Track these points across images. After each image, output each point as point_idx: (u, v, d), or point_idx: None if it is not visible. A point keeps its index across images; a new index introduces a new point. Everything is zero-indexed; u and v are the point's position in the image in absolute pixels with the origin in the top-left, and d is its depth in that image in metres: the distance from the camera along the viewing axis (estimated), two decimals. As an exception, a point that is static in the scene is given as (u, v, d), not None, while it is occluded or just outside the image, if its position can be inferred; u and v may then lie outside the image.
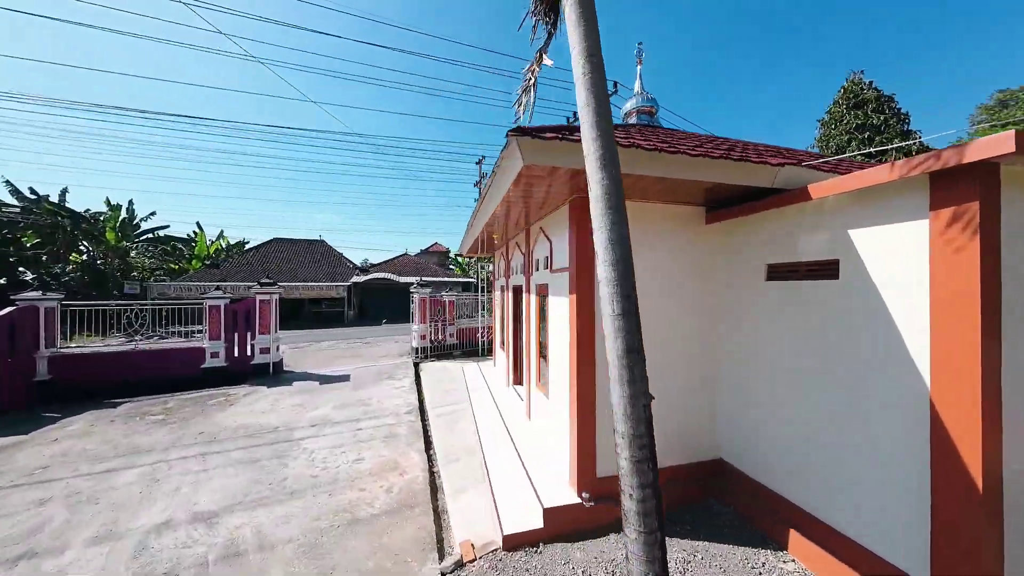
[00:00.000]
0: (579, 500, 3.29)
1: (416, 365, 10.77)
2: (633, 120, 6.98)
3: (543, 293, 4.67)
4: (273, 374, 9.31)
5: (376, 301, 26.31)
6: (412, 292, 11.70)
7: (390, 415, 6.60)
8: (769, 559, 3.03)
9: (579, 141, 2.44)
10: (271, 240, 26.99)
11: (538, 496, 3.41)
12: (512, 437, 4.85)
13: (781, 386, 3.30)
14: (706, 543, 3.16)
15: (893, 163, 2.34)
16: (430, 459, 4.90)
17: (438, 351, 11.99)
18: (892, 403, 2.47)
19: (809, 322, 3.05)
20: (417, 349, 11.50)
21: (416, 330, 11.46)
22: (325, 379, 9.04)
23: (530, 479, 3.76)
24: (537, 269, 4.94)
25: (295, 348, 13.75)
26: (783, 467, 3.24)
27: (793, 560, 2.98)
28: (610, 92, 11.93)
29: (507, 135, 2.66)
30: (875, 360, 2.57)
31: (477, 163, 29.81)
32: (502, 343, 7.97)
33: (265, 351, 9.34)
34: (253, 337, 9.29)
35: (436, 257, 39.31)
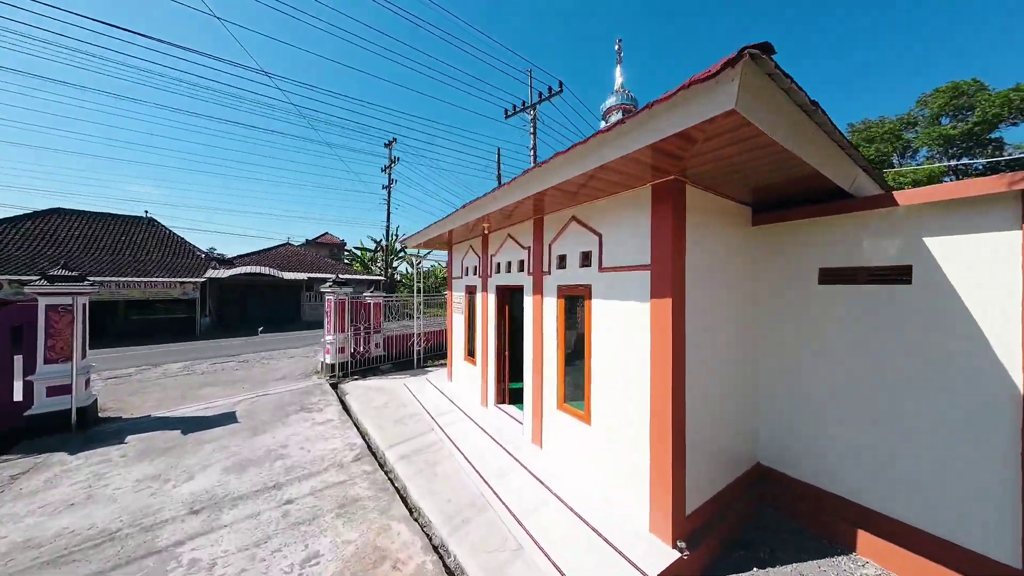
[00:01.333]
0: (676, 552, 2.80)
1: (336, 387, 8.61)
2: (612, 118, 6.98)
3: (576, 295, 4.02)
4: (80, 428, 5.96)
5: (243, 304, 20.85)
6: (326, 293, 9.36)
7: (330, 467, 4.85)
8: (847, 565, 3.11)
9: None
10: (51, 211, 18.37)
11: (629, 560, 2.75)
12: (534, 475, 4.03)
13: (841, 388, 3.48)
14: (795, 565, 3.06)
15: (997, 176, 2.60)
16: (425, 531, 3.65)
17: (362, 366, 9.92)
18: (980, 402, 2.73)
19: (874, 325, 3.28)
20: (333, 366, 9.24)
21: (331, 341, 9.19)
22: (192, 423, 6.23)
23: (599, 534, 3.05)
24: (561, 267, 4.26)
25: (115, 378, 9.44)
26: (848, 470, 3.41)
27: (867, 563, 3.14)
28: (556, 91, 12.05)
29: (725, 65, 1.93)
30: (957, 362, 2.82)
31: (387, 145, 26.91)
32: (470, 353, 6.93)
33: (60, 390, 5.93)
34: (33, 369, 5.78)
35: (328, 250, 33.88)
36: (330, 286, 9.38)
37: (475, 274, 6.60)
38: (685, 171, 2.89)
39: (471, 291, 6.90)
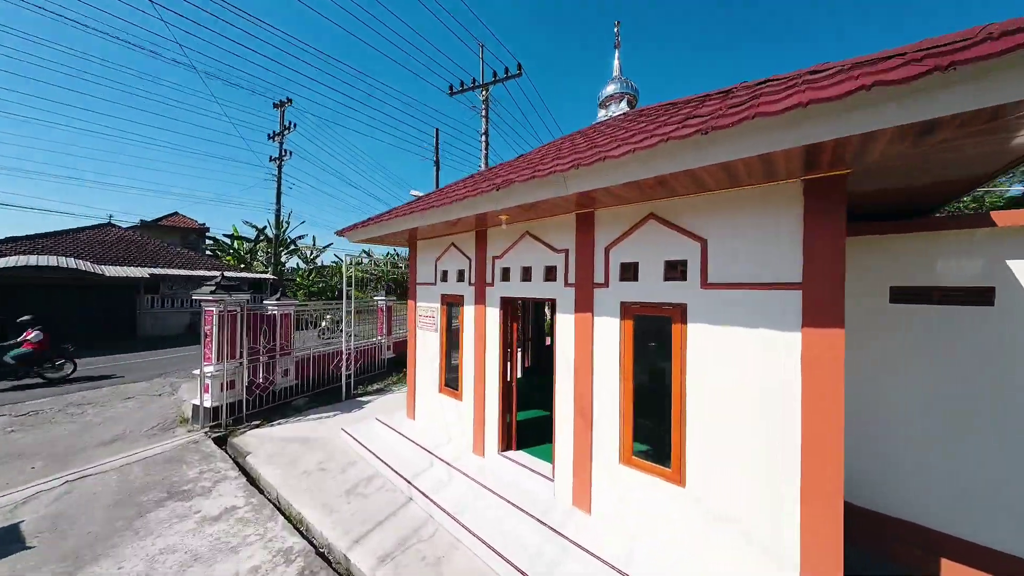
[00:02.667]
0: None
1: (226, 443, 6.11)
2: (612, 108, 6.50)
3: (656, 316, 3.22)
4: None
5: (26, 312, 14.44)
6: (203, 302, 6.63)
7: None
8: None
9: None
10: None
11: None
12: (599, 557, 3.06)
13: (919, 412, 3.46)
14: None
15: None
16: None
17: (265, 404, 7.39)
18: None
19: (950, 346, 3.34)
20: (217, 410, 6.59)
21: (214, 373, 6.52)
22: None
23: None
24: (627, 278, 3.40)
25: None
26: (927, 498, 3.41)
27: (961, 601, 3.14)
28: (514, 73, 11.25)
29: None
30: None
31: (278, 106, 22.34)
32: (450, 384, 5.54)
33: None
34: None
35: (179, 236, 26.46)
36: (212, 291, 6.68)
37: (462, 280, 5.29)
38: (861, 164, 2.37)
39: (452, 302, 5.54)
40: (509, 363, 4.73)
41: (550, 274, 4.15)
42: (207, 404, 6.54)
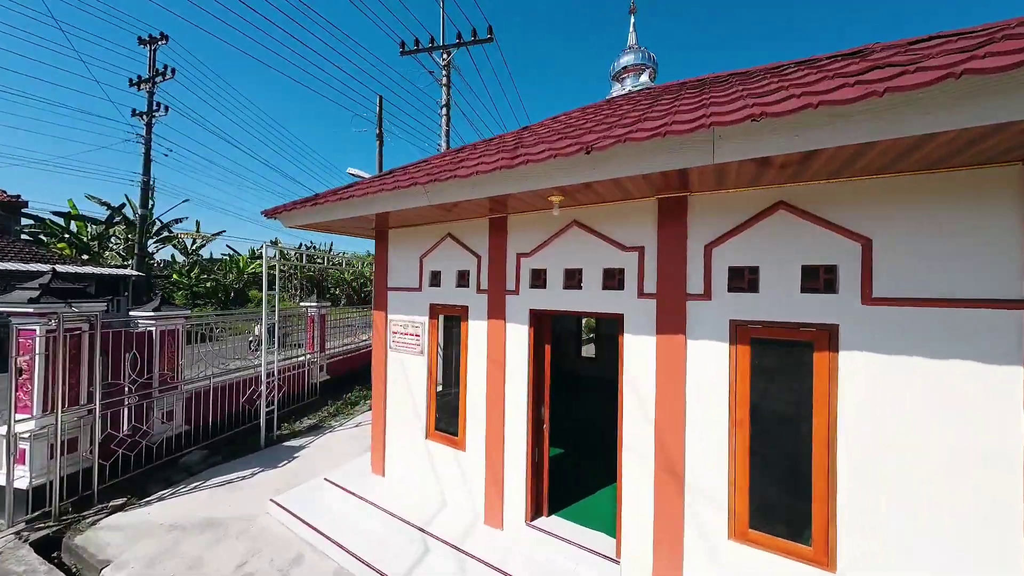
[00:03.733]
0: None
1: (59, 549, 3.94)
2: (628, 82, 5.86)
3: (788, 341, 2.46)
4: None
5: None
6: (15, 322, 4.28)
7: None
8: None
9: None
10: None
11: None
12: None
13: None
14: None
15: None
16: None
17: (136, 469, 5.14)
18: None
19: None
20: (41, 490, 4.29)
21: (34, 432, 4.23)
22: None
23: None
24: (741, 287, 2.62)
25: None
26: None
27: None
28: (484, 38, 10.13)
29: None
30: None
31: (146, 42, 17.95)
32: (443, 428, 4.22)
33: None
34: None
35: (-24, 212, 19.62)
36: (37, 298, 4.35)
37: (465, 285, 4.06)
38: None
39: (448, 315, 4.27)
40: (542, 402, 3.67)
41: (612, 280, 3.21)
42: (20, 484, 4.22)
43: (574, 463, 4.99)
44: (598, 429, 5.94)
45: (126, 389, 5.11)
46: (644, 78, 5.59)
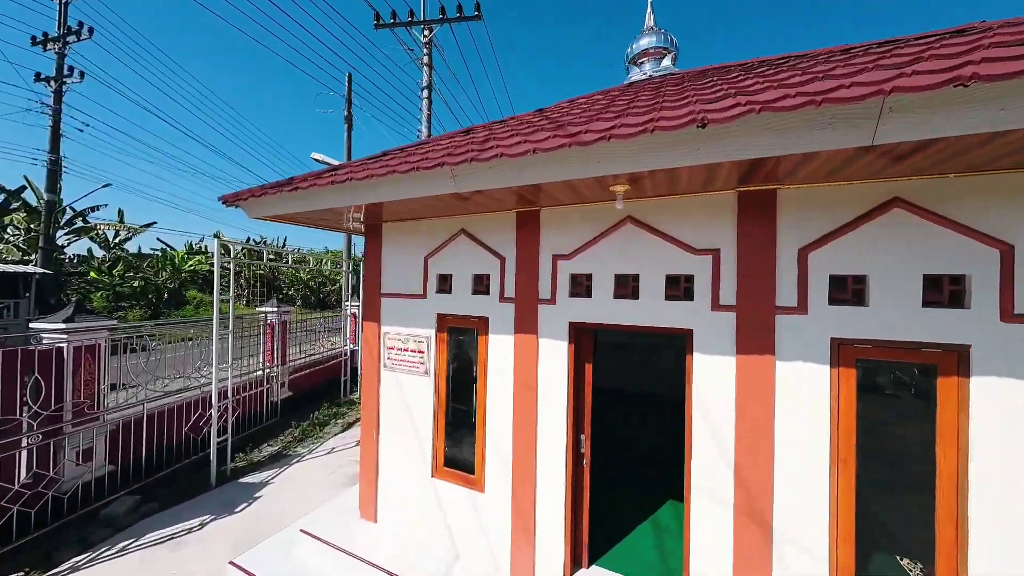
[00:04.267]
0: None
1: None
2: (647, 66, 5.49)
3: (906, 362, 2.08)
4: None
5: None
6: None
7: None
8: None
9: None
10: None
11: None
12: None
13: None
14: None
15: None
16: None
17: (40, 529, 4.02)
18: None
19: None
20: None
21: None
22: None
23: None
24: (850, 299, 2.21)
25: None
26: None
27: None
28: (471, 15, 9.46)
29: None
30: None
31: None
32: (455, 463, 3.55)
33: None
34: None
35: None
36: None
37: (483, 291, 3.44)
38: None
39: (460, 327, 3.63)
40: (582, 431, 3.15)
41: (677, 288, 2.75)
42: None
43: (613, 491, 4.52)
44: (632, 447, 5.54)
45: (25, 425, 4.00)
46: (666, 62, 5.23)
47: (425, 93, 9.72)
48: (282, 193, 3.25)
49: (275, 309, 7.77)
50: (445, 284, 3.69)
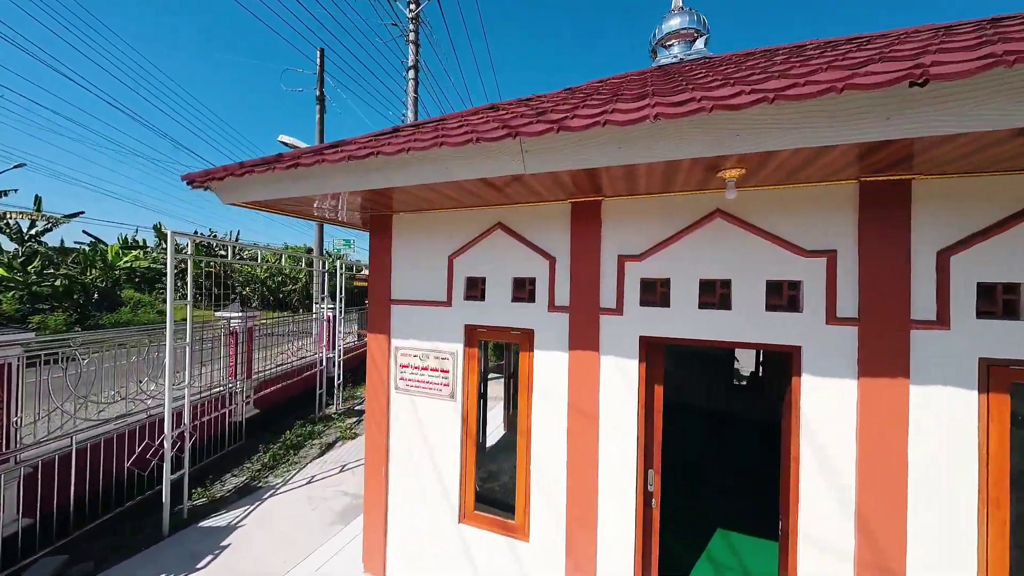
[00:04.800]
0: None
1: None
2: (676, 49, 5.14)
3: None
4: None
5: None
6: None
7: None
8: None
9: None
10: None
11: None
12: None
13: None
14: None
15: None
16: None
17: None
18: None
19: None
20: None
21: None
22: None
23: None
24: (996, 311, 1.91)
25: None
26: None
27: None
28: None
29: None
30: None
31: None
32: (476, 505, 2.98)
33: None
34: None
35: None
36: None
37: (526, 298, 2.88)
38: None
39: (487, 341, 3.06)
40: (651, 465, 2.69)
41: (779, 296, 2.34)
42: None
43: (677, 525, 4.05)
44: (693, 469, 5.20)
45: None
46: (699, 45, 4.89)
47: (411, 74, 8.97)
48: (274, 172, 2.55)
49: (239, 314, 6.80)
50: (475, 289, 3.12)
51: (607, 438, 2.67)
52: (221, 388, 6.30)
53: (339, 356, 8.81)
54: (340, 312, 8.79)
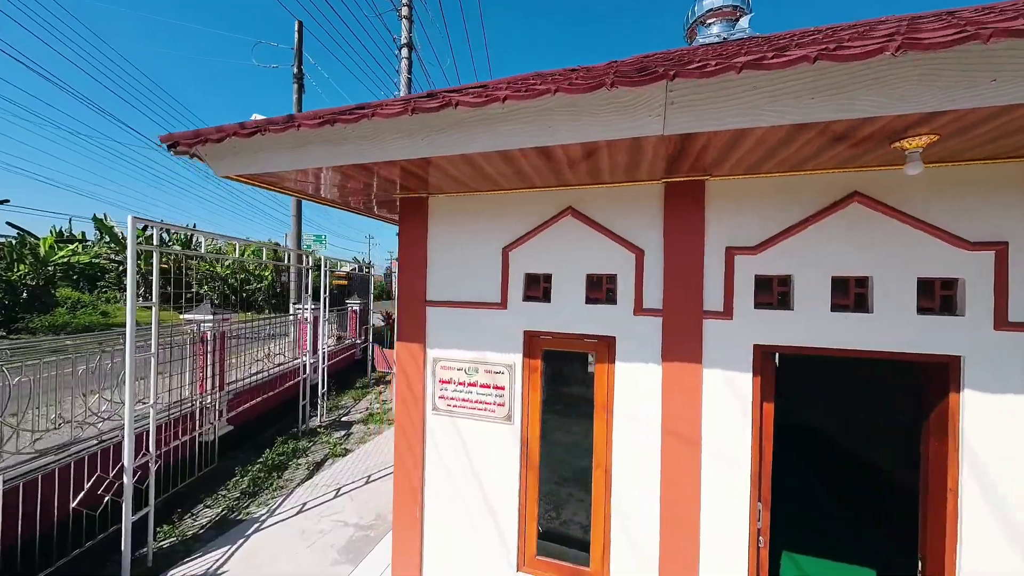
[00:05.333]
0: None
1: None
2: (716, 28, 4.80)
3: None
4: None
5: None
6: None
7: None
8: None
9: None
10: None
11: None
12: None
13: None
14: None
15: None
16: None
17: None
18: None
19: None
20: None
21: None
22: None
23: None
24: None
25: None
26: None
27: None
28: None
29: None
30: None
31: None
32: (539, 550, 2.48)
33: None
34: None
35: None
36: None
37: (603, 298, 2.38)
38: None
39: (552, 350, 2.56)
40: (759, 498, 2.28)
41: (930, 297, 1.98)
42: None
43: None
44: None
45: None
46: (743, 23, 4.57)
47: (404, 52, 8.27)
48: (298, 131, 1.93)
49: (209, 317, 5.93)
50: (537, 288, 2.61)
51: (712, 469, 2.24)
52: (191, 404, 5.45)
53: (323, 362, 8.00)
54: (325, 313, 7.98)
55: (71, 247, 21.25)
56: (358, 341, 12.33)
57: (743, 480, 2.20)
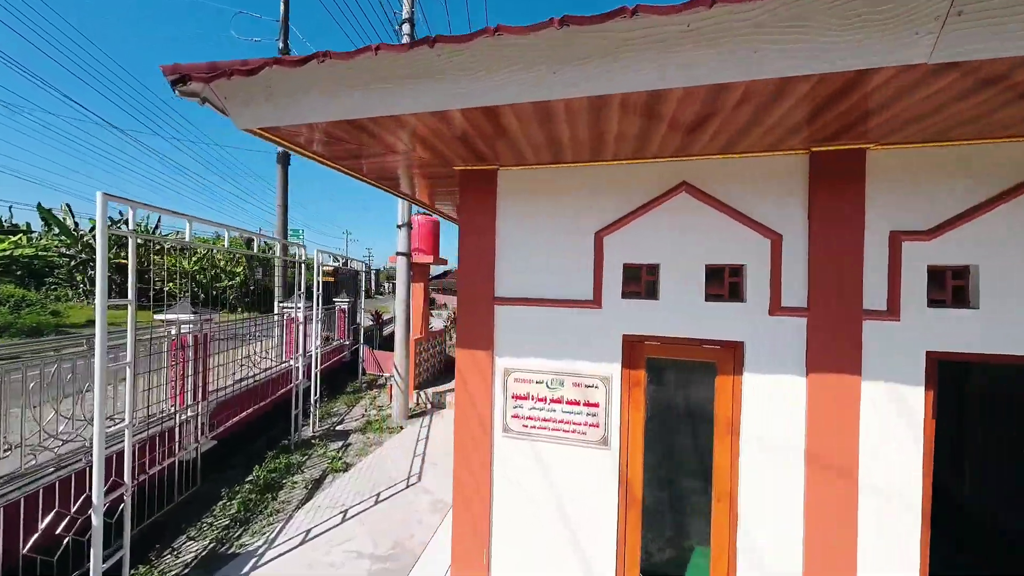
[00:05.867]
0: None
1: None
2: None
3: None
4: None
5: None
6: None
7: None
8: None
9: None
10: None
11: None
12: None
13: None
14: None
15: None
16: None
17: None
18: None
19: None
20: None
21: None
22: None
23: None
24: None
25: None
26: None
27: None
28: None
29: None
30: None
31: None
32: None
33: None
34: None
35: None
36: None
37: (726, 294, 1.93)
38: None
39: (659, 357, 2.10)
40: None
41: None
42: None
43: None
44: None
45: None
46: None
47: (406, 28, 7.63)
48: (375, 56, 1.40)
49: (189, 317, 5.18)
50: (639, 282, 2.15)
51: (872, 505, 1.85)
52: (170, 419, 4.72)
53: (316, 367, 7.31)
54: (318, 313, 7.27)
55: (13, 239, 19.38)
56: (346, 343, 11.58)
57: (914, 520, 1.82)
